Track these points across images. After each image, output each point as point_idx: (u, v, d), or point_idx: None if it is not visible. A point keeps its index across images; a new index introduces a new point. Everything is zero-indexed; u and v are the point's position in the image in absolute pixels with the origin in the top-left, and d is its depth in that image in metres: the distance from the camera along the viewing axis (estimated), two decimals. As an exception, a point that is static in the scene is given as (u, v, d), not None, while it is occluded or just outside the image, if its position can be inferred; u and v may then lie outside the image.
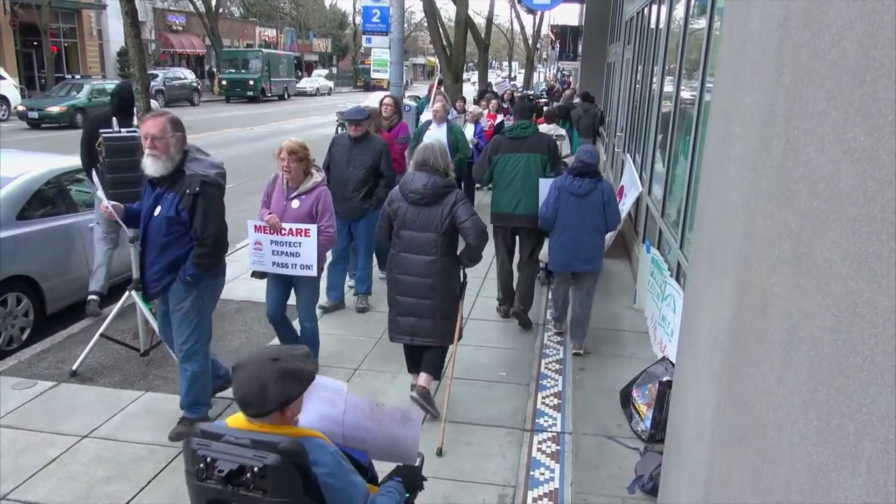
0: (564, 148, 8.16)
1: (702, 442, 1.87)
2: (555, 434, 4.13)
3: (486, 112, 11.58)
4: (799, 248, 1.25)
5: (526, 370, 4.97)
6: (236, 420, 1.97)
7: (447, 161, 4.23)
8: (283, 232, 4.36)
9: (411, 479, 2.36)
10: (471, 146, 9.45)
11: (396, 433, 2.46)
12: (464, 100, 12.67)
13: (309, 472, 1.86)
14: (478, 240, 4.04)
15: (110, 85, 23.52)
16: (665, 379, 3.99)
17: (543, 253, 5.84)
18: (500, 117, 11.96)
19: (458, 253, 4.20)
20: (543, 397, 4.57)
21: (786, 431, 1.25)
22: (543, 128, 8.13)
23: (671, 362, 4.11)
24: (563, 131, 9.37)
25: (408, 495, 2.31)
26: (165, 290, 3.77)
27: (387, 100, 7.66)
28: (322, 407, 2.35)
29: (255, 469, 1.80)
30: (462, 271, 4.27)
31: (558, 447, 4.00)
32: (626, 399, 4.36)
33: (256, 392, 1.87)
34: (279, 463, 1.80)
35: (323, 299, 5.66)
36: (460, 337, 4.28)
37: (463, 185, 9.21)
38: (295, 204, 4.44)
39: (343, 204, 5.70)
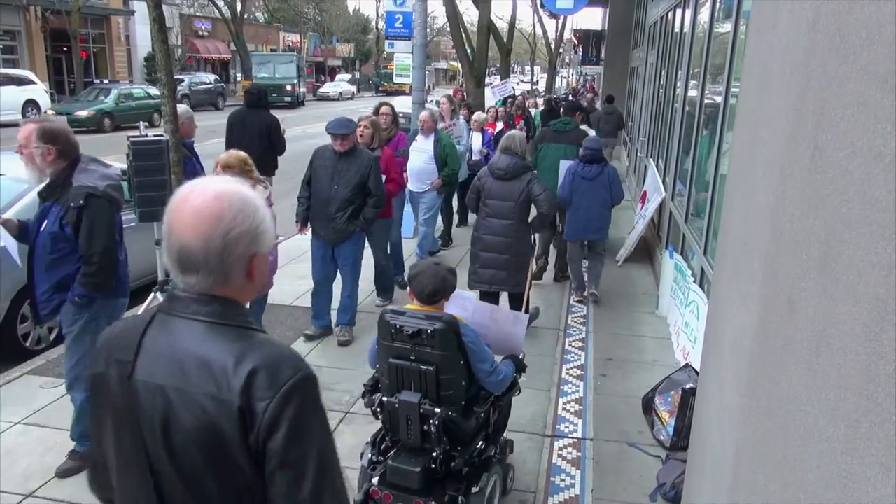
0: None
1: (726, 449, 1.85)
2: (576, 440, 4.11)
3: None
4: (827, 254, 1.24)
5: (547, 375, 4.96)
6: (411, 305, 3.01)
7: (524, 147, 5.31)
8: None
9: (518, 362, 3.40)
10: (479, 156, 8.76)
11: (509, 330, 3.52)
12: (469, 108, 11.07)
13: (460, 337, 2.88)
14: (549, 209, 5.20)
15: (137, 90, 23.98)
16: (688, 386, 3.95)
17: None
18: (499, 126, 10.57)
19: (530, 220, 5.29)
20: (564, 403, 4.55)
21: (813, 439, 1.24)
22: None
23: (694, 369, 4.07)
24: (592, 131, 9.81)
25: (515, 374, 3.32)
26: (56, 312, 3.45)
27: (384, 108, 6.78)
28: (457, 311, 3.19)
29: (429, 331, 2.82)
30: (532, 235, 5.40)
31: (579, 453, 3.97)
32: (647, 406, 4.33)
33: (440, 283, 2.96)
34: (444, 328, 2.83)
35: (308, 327, 5.50)
36: (530, 286, 5.28)
37: (455, 201, 8.56)
38: None
39: (325, 225, 5.18)
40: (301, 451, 1.27)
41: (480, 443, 3.13)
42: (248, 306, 2.30)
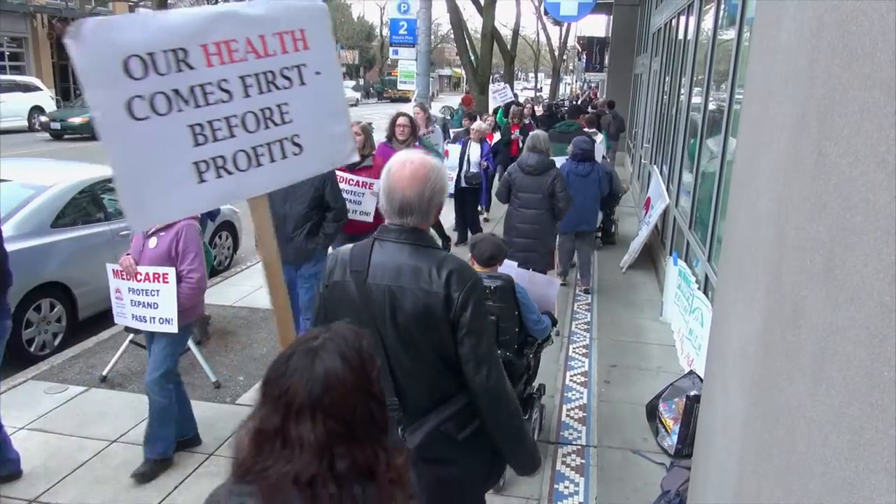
0: (601, 149, 9.03)
1: (731, 456, 1.84)
2: (580, 447, 4.10)
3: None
4: (832, 260, 1.24)
5: (550, 382, 4.95)
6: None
7: (548, 145, 6.14)
8: (138, 277, 3.64)
9: (552, 317, 4.08)
10: (478, 168, 8.47)
11: (544, 291, 4.18)
12: (471, 118, 10.68)
13: (515, 293, 3.58)
14: (566, 205, 5.94)
15: None
16: (692, 393, 3.94)
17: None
18: (497, 136, 10.46)
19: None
20: (568, 410, 4.54)
21: (817, 446, 1.23)
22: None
23: (699, 376, 4.06)
24: (600, 135, 10.65)
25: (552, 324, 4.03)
26: None
27: (401, 119, 6.44)
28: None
29: (492, 287, 3.46)
30: (555, 224, 6.19)
31: (583, 460, 3.96)
32: (652, 413, 4.32)
33: (497, 249, 3.63)
34: (504, 285, 3.53)
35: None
36: (552, 267, 6.25)
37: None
38: (152, 243, 3.67)
39: (284, 246, 4.74)
40: (480, 323, 2.04)
41: (524, 384, 3.85)
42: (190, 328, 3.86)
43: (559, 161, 6.77)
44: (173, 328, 3.58)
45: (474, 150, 8.62)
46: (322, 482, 1.20)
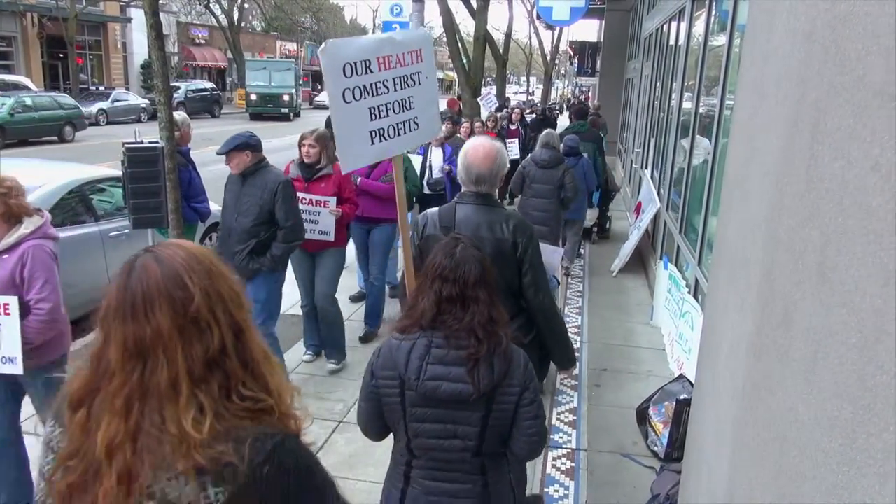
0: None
1: (721, 460, 1.84)
2: (570, 451, 4.10)
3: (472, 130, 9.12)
4: (824, 264, 1.24)
5: (540, 385, 4.94)
6: None
7: (559, 142, 7.00)
8: None
9: (556, 279, 4.51)
10: (441, 173, 7.50)
11: (549, 259, 4.07)
12: (452, 122, 9.09)
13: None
14: (573, 195, 6.65)
15: (43, 98, 20.40)
16: (682, 397, 3.94)
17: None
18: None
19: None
20: (559, 413, 4.54)
21: (809, 450, 1.23)
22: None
23: (689, 380, 4.07)
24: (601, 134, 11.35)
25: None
26: None
27: None
28: None
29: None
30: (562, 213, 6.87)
31: (573, 464, 3.96)
32: (642, 417, 4.32)
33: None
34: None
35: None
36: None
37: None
38: None
39: (229, 262, 4.29)
40: (537, 259, 2.84)
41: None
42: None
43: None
44: (17, 369, 2.89)
45: (436, 156, 7.91)
46: (481, 327, 1.97)
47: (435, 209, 2.92)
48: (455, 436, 1.99)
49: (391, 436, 2.18)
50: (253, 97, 31.77)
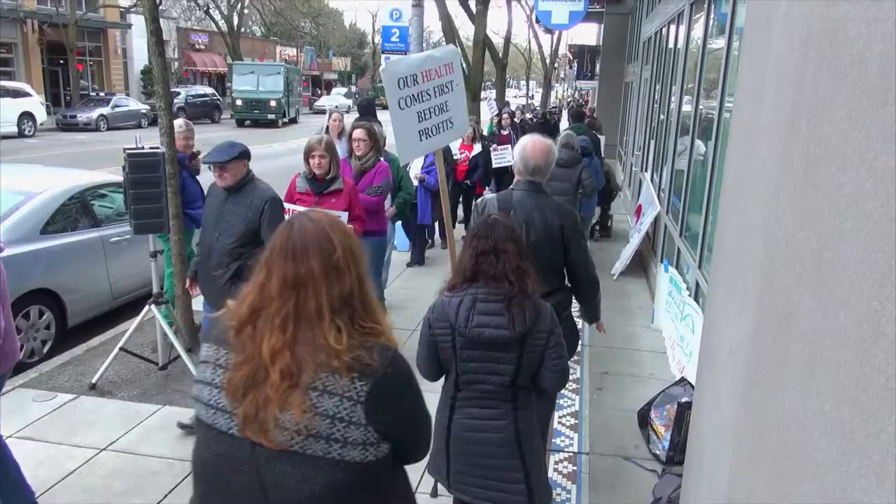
0: None
1: (722, 462, 1.85)
2: (571, 454, 4.10)
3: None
4: (821, 266, 1.25)
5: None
6: None
7: (578, 143, 7.33)
8: None
9: None
10: (414, 182, 7.16)
11: None
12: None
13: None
14: (591, 191, 7.26)
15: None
16: (683, 400, 3.95)
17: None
18: (476, 147, 9.05)
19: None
20: (560, 417, 4.54)
21: (808, 451, 1.24)
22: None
23: (690, 383, 4.07)
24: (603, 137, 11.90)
25: None
26: None
27: (357, 133, 5.33)
28: None
29: None
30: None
31: (575, 467, 3.96)
32: (643, 420, 4.32)
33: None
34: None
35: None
36: None
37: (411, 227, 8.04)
38: None
39: (206, 284, 4.03)
40: (582, 241, 3.29)
41: None
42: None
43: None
44: None
45: (415, 162, 7.55)
46: (512, 272, 2.42)
47: (493, 195, 3.40)
48: (495, 372, 2.45)
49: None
50: (238, 102, 30.60)
